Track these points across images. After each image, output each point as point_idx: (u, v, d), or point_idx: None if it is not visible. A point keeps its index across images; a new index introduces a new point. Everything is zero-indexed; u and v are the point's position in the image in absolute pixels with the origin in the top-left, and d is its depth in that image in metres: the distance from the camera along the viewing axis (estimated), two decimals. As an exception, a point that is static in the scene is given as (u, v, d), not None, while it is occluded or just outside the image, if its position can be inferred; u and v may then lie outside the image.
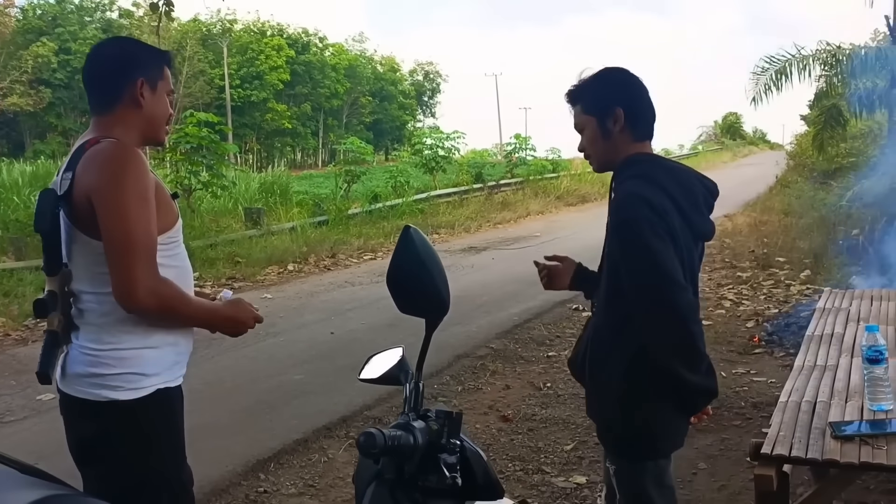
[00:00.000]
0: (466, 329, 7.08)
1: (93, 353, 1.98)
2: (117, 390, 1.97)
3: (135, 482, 1.99)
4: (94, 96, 2.08)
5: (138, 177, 1.91)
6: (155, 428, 2.03)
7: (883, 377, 2.64)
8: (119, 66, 2.06)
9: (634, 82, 2.20)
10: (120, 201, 1.89)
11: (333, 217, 15.25)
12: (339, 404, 5.09)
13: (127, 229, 1.87)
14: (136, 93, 2.03)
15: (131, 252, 1.87)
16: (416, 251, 1.53)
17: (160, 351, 2.03)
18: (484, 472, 1.54)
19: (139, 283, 1.87)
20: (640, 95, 2.19)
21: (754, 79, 13.88)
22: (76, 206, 1.94)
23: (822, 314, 4.26)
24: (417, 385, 1.57)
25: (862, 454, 2.36)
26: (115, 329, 1.97)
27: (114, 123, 2.03)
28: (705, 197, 2.15)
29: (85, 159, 1.94)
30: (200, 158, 13.72)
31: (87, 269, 1.99)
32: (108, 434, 1.99)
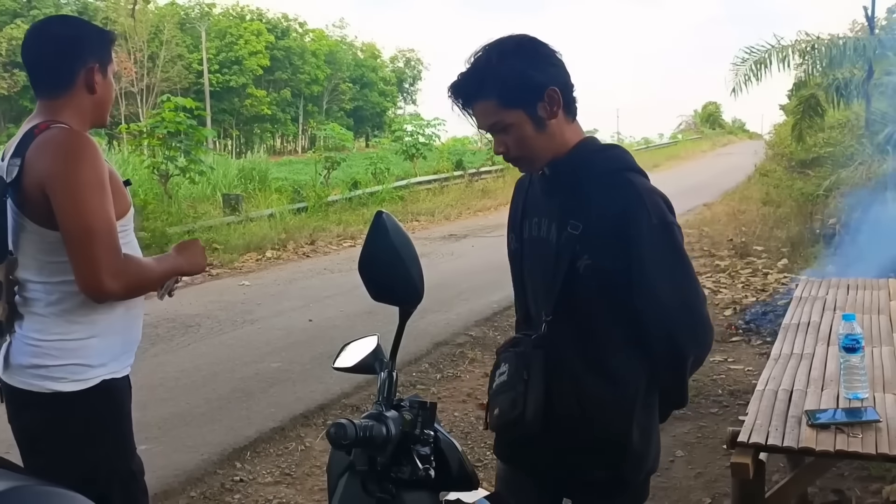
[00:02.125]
0: (446, 316, 7.07)
1: (37, 343, 1.93)
2: (61, 382, 1.92)
3: (82, 474, 1.94)
4: (41, 79, 2.00)
5: (94, 164, 1.87)
6: (100, 419, 1.99)
7: (859, 366, 2.65)
8: (72, 49, 1.98)
9: (548, 49, 1.73)
10: (77, 191, 1.84)
11: (313, 204, 15.16)
12: (317, 392, 5.06)
13: (86, 219, 1.83)
14: (91, 78, 1.97)
15: (93, 242, 1.83)
16: (389, 238, 1.50)
17: (106, 340, 1.98)
18: (458, 463, 1.52)
19: (104, 272, 1.83)
20: (560, 62, 1.74)
21: (734, 69, 13.95)
22: (27, 195, 1.88)
23: (798, 303, 4.27)
24: (391, 374, 1.55)
25: (837, 442, 2.37)
26: (61, 319, 1.92)
27: (63, 108, 1.97)
28: None
29: (36, 147, 1.88)
30: (178, 143, 13.56)
31: (34, 259, 1.93)
32: (53, 426, 1.95)
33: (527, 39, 1.72)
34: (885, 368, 3.02)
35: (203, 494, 3.80)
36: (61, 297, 1.91)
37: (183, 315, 7.18)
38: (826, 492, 3.39)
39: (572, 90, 1.74)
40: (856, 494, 3.37)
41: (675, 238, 1.69)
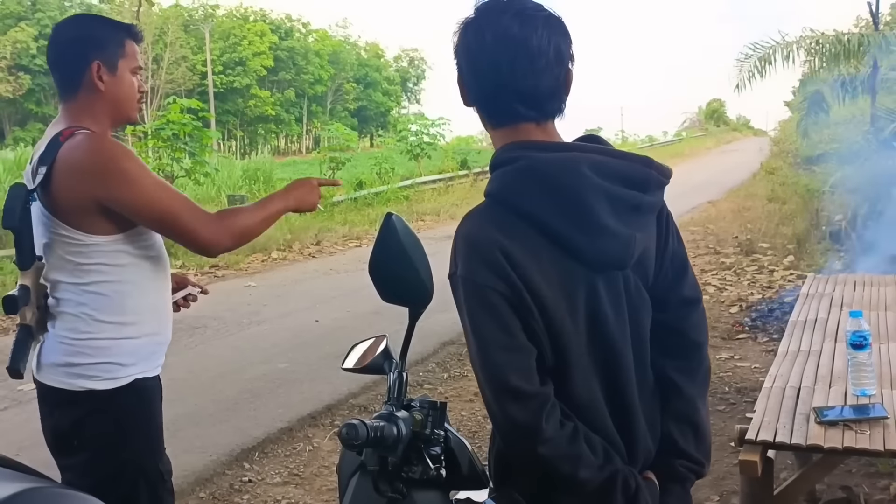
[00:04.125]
0: (452, 316, 6.95)
1: (70, 342, 1.96)
2: (94, 380, 1.95)
3: (111, 472, 1.98)
4: (56, 82, 2.03)
5: (128, 157, 1.93)
6: (132, 418, 2.01)
7: (866, 362, 2.65)
8: (74, 50, 1.99)
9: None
10: (137, 190, 1.90)
11: (318, 204, 15.16)
12: (324, 392, 5.07)
13: (161, 207, 1.92)
14: (93, 77, 1.97)
15: (179, 219, 1.92)
16: (398, 239, 1.51)
17: (138, 341, 2.01)
18: (468, 462, 1.53)
19: (203, 237, 1.94)
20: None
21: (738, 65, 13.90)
22: (57, 200, 1.91)
23: (805, 300, 4.27)
24: (401, 374, 1.56)
25: (845, 439, 2.37)
26: (91, 319, 1.95)
27: (80, 110, 1.99)
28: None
29: (67, 156, 1.89)
30: (183, 145, 13.58)
31: (66, 261, 1.96)
32: (85, 424, 1.97)
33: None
34: (892, 365, 3.02)
35: (212, 495, 3.81)
36: (91, 298, 1.94)
37: (189, 317, 7.19)
38: (834, 489, 3.39)
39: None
40: (864, 491, 3.37)
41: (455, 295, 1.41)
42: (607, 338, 1.40)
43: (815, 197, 12.43)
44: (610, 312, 1.40)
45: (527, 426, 1.33)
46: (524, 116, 1.38)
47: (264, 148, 47.78)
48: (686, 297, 1.53)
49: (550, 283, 1.34)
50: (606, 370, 1.42)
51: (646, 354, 1.49)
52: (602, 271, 1.39)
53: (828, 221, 10.25)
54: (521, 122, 1.39)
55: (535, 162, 1.35)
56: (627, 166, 1.38)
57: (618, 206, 1.35)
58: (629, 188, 1.37)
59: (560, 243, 1.34)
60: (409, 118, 28.56)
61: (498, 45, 1.35)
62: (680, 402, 1.51)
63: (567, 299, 1.36)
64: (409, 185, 18.82)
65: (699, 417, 1.52)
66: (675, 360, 1.52)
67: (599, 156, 1.37)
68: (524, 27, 1.34)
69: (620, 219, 1.35)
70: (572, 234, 1.33)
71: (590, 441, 1.39)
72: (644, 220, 1.42)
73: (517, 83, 1.35)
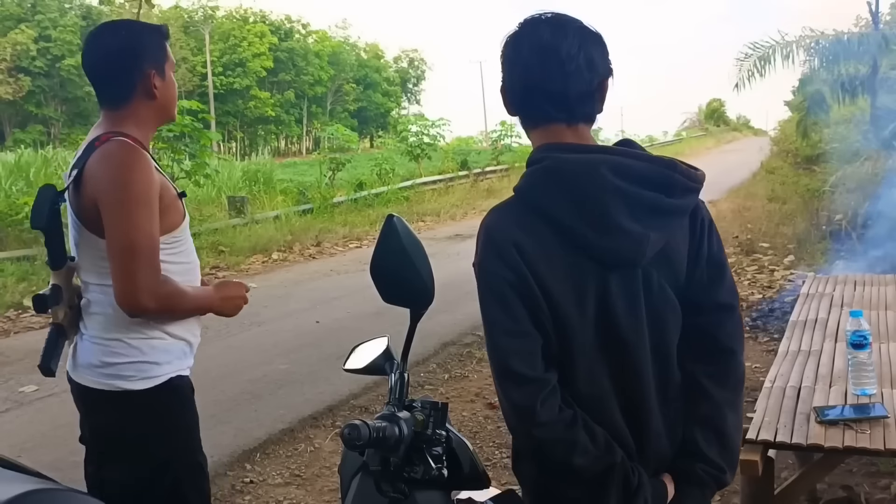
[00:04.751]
0: (453, 317, 7.07)
1: (104, 342, 1.97)
2: (130, 380, 1.96)
3: (155, 469, 2.00)
4: (102, 92, 2.01)
5: (142, 181, 1.88)
6: (170, 416, 2.04)
7: (867, 362, 2.66)
8: (126, 60, 1.98)
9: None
10: (123, 207, 1.86)
11: (318, 205, 15.18)
12: (326, 393, 5.08)
13: (129, 236, 1.85)
14: (150, 85, 1.98)
15: (133, 258, 1.85)
16: (400, 240, 1.52)
17: (170, 342, 2.03)
18: (470, 462, 1.53)
19: (141, 289, 1.86)
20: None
21: (738, 65, 13.93)
22: (83, 205, 1.93)
23: (805, 299, 4.28)
24: (403, 375, 1.56)
25: (846, 438, 2.38)
26: (124, 319, 1.95)
27: (126, 117, 1.98)
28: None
29: (93, 160, 1.90)
30: (183, 147, 13.59)
31: (93, 263, 1.97)
32: (124, 424, 1.99)
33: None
34: (892, 364, 3.02)
35: (214, 496, 3.80)
36: None
37: (191, 318, 7.20)
38: (835, 488, 3.39)
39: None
40: (864, 490, 3.37)
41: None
42: (619, 334, 1.45)
43: (816, 197, 12.42)
44: (623, 310, 1.45)
45: (523, 408, 1.41)
46: (555, 118, 1.47)
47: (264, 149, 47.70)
48: (721, 303, 1.55)
49: (559, 278, 1.41)
50: (618, 366, 1.47)
51: (668, 354, 1.51)
52: (614, 268, 1.44)
53: (828, 221, 10.25)
54: (552, 124, 1.48)
55: (559, 162, 1.43)
56: (649, 168, 1.44)
57: (635, 206, 1.41)
58: (649, 190, 1.43)
59: (572, 240, 1.41)
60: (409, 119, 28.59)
61: (532, 51, 1.46)
62: (706, 407, 1.53)
63: (576, 294, 1.42)
64: (410, 186, 18.83)
65: (726, 425, 1.53)
66: (706, 366, 1.54)
67: (622, 158, 1.44)
68: (556, 35, 1.45)
69: (636, 218, 1.41)
70: (584, 231, 1.40)
71: (590, 431, 1.43)
72: (665, 221, 1.46)
73: (547, 85, 1.45)
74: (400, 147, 23.31)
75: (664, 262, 1.47)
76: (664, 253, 1.46)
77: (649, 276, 1.47)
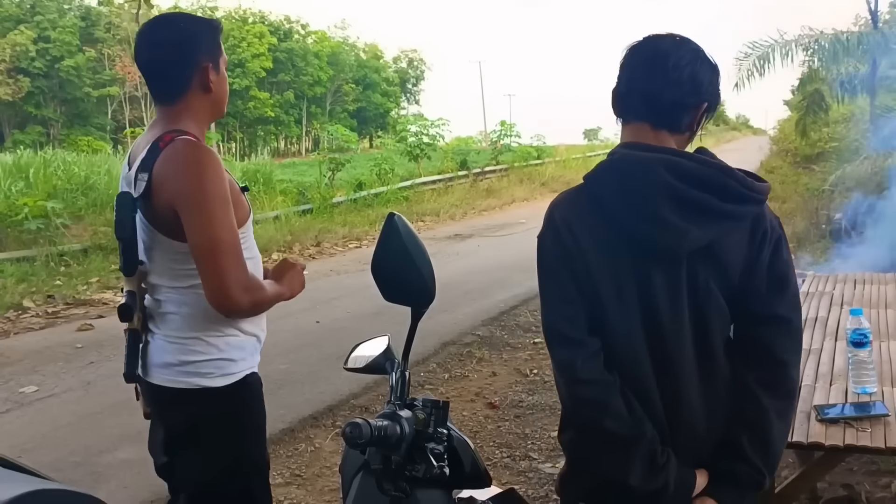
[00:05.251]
0: (453, 316, 7.08)
1: (181, 341, 1.97)
2: (208, 377, 1.96)
3: (229, 467, 2.00)
4: (157, 87, 1.99)
5: (218, 178, 1.87)
6: (246, 413, 2.04)
7: (867, 360, 2.66)
8: (182, 54, 1.96)
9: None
10: (205, 207, 1.84)
11: (318, 205, 15.18)
12: (326, 393, 5.08)
13: (214, 235, 1.83)
14: (206, 79, 1.97)
15: (222, 257, 1.83)
16: (401, 239, 1.52)
17: (243, 338, 2.03)
18: (471, 461, 1.53)
19: (233, 286, 1.84)
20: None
21: (738, 64, 13.91)
22: (156, 210, 1.90)
23: (806, 298, 4.27)
24: (404, 374, 1.56)
25: (846, 437, 2.37)
26: (198, 318, 1.95)
27: (182, 112, 1.97)
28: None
29: (163, 163, 1.87)
30: (183, 147, 13.59)
31: (166, 267, 1.96)
32: (201, 421, 1.98)
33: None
34: (893, 363, 3.02)
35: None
36: (195, 300, 1.94)
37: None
38: (835, 487, 3.40)
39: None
40: (865, 489, 3.38)
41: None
42: (659, 321, 1.57)
43: (815, 196, 12.43)
44: (663, 299, 1.57)
45: (565, 365, 1.58)
46: (643, 116, 1.61)
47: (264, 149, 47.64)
48: (777, 314, 1.62)
49: (603, 260, 1.57)
50: (658, 352, 1.58)
51: (711, 350, 1.61)
52: (657, 258, 1.56)
53: (827, 220, 10.26)
54: (638, 122, 1.62)
55: (625, 157, 1.59)
56: (705, 171, 1.56)
57: (684, 203, 1.53)
58: (700, 190, 1.53)
59: (618, 226, 1.56)
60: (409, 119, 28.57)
61: (644, 57, 1.62)
62: (753, 412, 1.60)
63: (616, 276, 1.57)
64: (409, 186, 18.83)
65: (772, 430, 1.60)
66: (758, 373, 1.61)
67: (680, 159, 1.57)
68: (671, 47, 1.60)
69: (681, 214, 1.52)
70: (629, 219, 1.55)
71: (626, 399, 1.57)
72: (713, 222, 1.55)
73: (646, 86, 1.59)
74: (399, 147, 23.30)
75: (713, 262, 1.57)
76: (713, 253, 1.57)
77: (694, 273, 1.57)
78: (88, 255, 10.33)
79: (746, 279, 1.60)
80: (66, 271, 9.64)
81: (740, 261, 1.59)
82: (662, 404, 1.59)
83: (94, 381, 5.55)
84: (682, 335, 1.57)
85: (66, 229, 11.02)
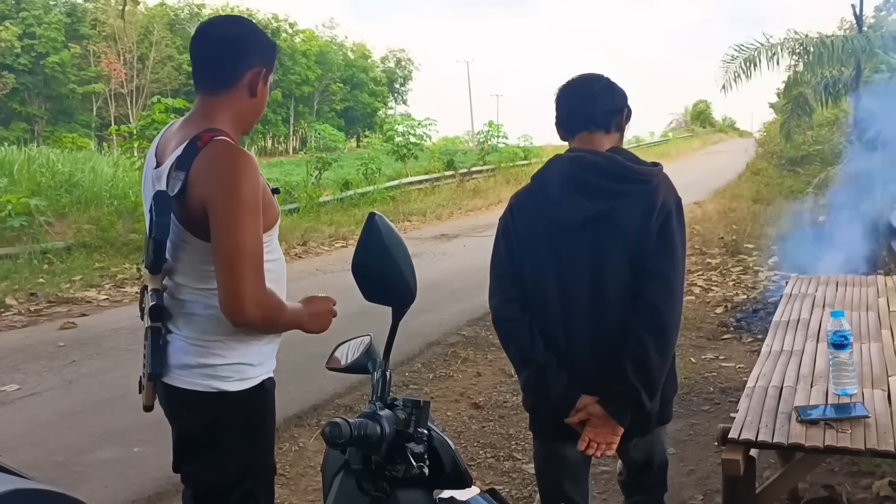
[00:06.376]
0: (438, 316, 7.08)
1: (202, 343, 1.94)
2: (227, 381, 1.94)
3: (239, 471, 1.99)
4: (204, 74, 1.97)
5: (253, 186, 1.84)
6: (261, 418, 2.03)
7: (847, 362, 2.68)
8: (241, 50, 1.96)
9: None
10: (235, 213, 1.81)
11: (304, 204, 15.15)
12: (310, 392, 5.06)
13: (239, 242, 1.80)
14: (255, 82, 1.96)
15: (241, 265, 1.80)
16: (381, 238, 1.52)
17: (262, 342, 2.01)
18: (452, 461, 1.53)
19: (247, 297, 1.81)
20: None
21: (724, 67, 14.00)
22: (188, 210, 1.86)
23: (788, 300, 4.30)
24: (385, 374, 1.56)
25: (827, 437, 2.39)
26: (223, 320, 1.91)
27: (221, 106, 1.94)
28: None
29: (201, 163, 1.84)
30: (168, 145, 13.51)
31: (193, 267, 1.93)
32: (217, 425, 1.96)
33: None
34: (873, 364, 3.04)
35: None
36: (216, 300, 1.89)
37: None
38: (816, 487, 3.42)
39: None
40: (846, 490, 3.40)
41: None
42: (565, 273, 2.15)
43: (799, 198, 12.52)
44: (566, 259, 2.13)
45: (492, 306, 2.28)
46: (583, 127, 2.23)
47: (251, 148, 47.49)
48: (658, 270, 2.08)
49: (526, 233, 2.20)
50: (562, 297, 2.15)
51: (605, 294, 2.12)
52: (560, 225, 2.14)
53: (811, 222, 10.33)
54: (580, 132, 2.23)
55: (553, 159, 2.27)
56: (600, 161, 2.15)
57: (581, 184, 2.13)
58: (596, 175, 2.13)
59: (539, 206, 2.19)
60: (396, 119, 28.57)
61: (577, 90, 2.28)
62: (635, 346, 2.07)
63: (533, 244, 2.18)
64: (396, 186, 18.84)
65: (649, 360, 2.07)
66: (639, 316, 2.08)
67: (585, 154, 2.17)
68: (590, 78, 2.29)
69: (578, 192, 2.12)
70: (545, 201, 2.18)
71: (532, 334, 2.17)
72: (606, 198, 2.11)
73: (582, 105, 2.23)
74: (386, 147, 23.30)
75: (611, 228, 2.10)
76: (612, 222, 2.10)
77: (595, 238, 2.11)
78: (72, 252, 10.26)
79: (640, 242, 2.08)
80: (49, 269, 9.57)
81: (635, 227, 2.08)
82: (566, 339, 2.15)
83: (76, 379, 5.51)
84: (581, 286, 2.12)
85: (50, 227, 10.95)
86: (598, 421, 2.11)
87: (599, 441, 2.13)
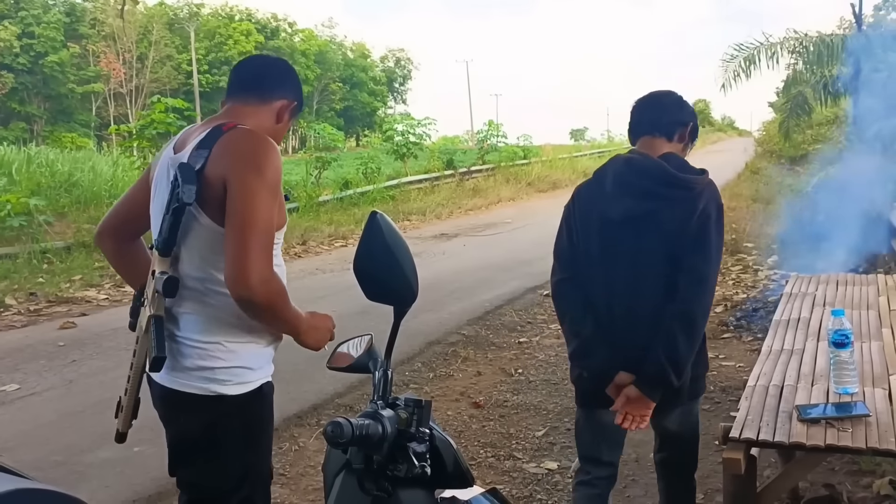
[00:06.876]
0: (438, 316, 7.08)
1: (203, 346, 1.92)
2: (226, 385, 1.93)
3: (238, 476, 1.98)
4: (243, 85, 2.05)
5: (275, 170, 1.87)
6: (259, 422, 2.02)
7: (848, 360, 2.67)
8: (283, 79, 2.10)
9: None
10: (254, 188, 1.82)
11: (304, 204, 15.13)
12: (310, 392, 5.06)
13: (253, 213, 1.81)
14: (284, 110, 2.06)
15: (252, 238, 1.79)
16: (383, 237, 1.51)
17: (262, 345, 2.00)
18: (454, 460, 1.53)
19: (254, 270, 1.79)
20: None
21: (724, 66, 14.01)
22: (206, 186, 1.85)
23: (788, 299, 4.30)
24: (386, 373, 1.55)
25: (827, 436, 2.39)
26: (222, 321, 1.91)
27: (249, 115, 2.00)
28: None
29: (226, 141, 1.87)
30: (168, 145, 13.49)
31: (199, 254, 1.91)
32: (216, 429, 1.95)
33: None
34: (874, 363, 3.04)
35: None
36: (221, 301, 1.89)
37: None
38: (817, 486, 3.42)
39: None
40: (846, 489, 3.40)
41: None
42: (611, 260, 2.38)
43: (799, 197, 12.51)
44: (614, 247, 2.36)
45: (552, 284, 2.53)
46: (647, 131, 2.47)
47: (250, 147, 47.44)
48: (693, 265, 2.28)
49: (583, 221, 2.45)
50: (610, 278, 2.38)
51: (644, 282, 2.34)
52: (609, 219, 2.37)
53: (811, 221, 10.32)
54: (643, 135, 2.47)
55: (612, 158, 2.51)
56: (649, 165, 2.35)
57: (627, 184, 2.36)
58: (641, 178, 2.34)
59: (595, 199, 2.44)
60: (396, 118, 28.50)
61: (650, 100, 2.55)
62: (666, 332, 2.27)
63: (587, 232, 2.43)
64: (395, 185, 18.82)
65: (678, 344, 2.26)
66: (673, 305, 2.28)
67: (636, 156, 2.42)
68: (663, 93, 2.57)
69: (623, 191, 2.35)
70: (599, 194, 2.42)
71: (583, 311, 2.42)
72: (649, 199, 2.32)
73: (650, 114, 2.50)
74: (386, 146, 23.26)
75: (654, 226, 2.31)
76: (655, 220, 2.31)
77: (639, 232, 2.33)
78: (71, 252, 10.24)
79: (678, 241, 2.27)
80: (49, 269, 9.56)
81: (674, 228, 2.28)
82: (608, 316, 2.39)
83: (76, 379, 5.50)
84: (622, 273, 2.35)
85: (49, 226, 10.93)
86: (633, 397, 2.33)
87: (634, 414, 2.35)
